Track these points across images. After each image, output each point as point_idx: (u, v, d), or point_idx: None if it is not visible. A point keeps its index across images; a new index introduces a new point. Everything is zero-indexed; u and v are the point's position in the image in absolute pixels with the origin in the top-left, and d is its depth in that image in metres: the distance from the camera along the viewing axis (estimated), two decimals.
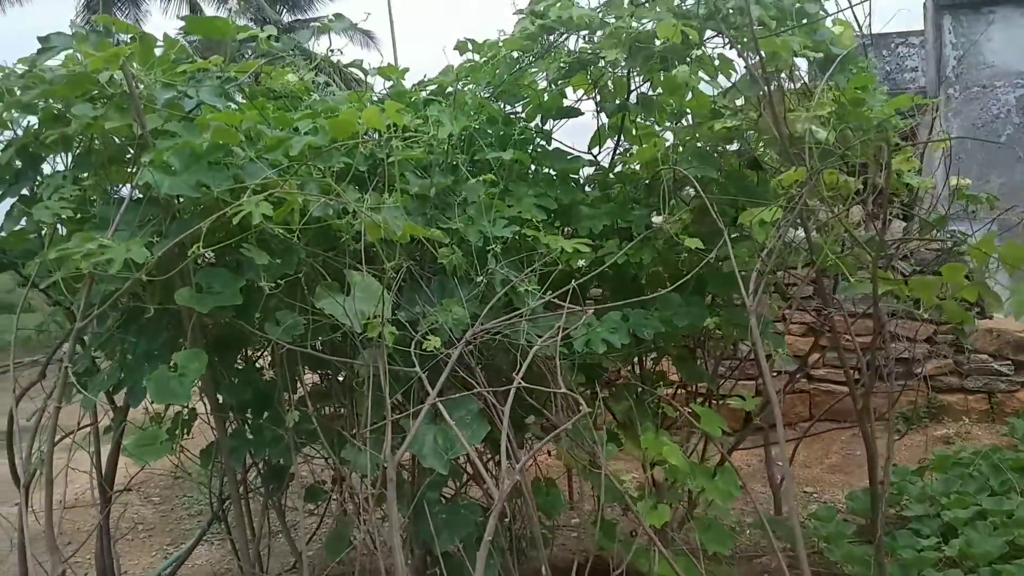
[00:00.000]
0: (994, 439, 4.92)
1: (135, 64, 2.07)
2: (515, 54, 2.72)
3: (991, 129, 6.16)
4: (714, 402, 3.44)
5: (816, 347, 4.64)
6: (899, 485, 3.98)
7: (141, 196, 2.18)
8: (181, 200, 2.14)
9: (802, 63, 2.52)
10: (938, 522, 3.62)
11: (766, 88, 2.06)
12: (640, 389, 2.87)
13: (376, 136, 2.25)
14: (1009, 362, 5.29)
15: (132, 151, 2.16)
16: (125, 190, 2.27)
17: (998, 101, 6.38)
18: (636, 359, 3.16)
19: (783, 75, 2.45)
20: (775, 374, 4.02)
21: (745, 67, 2.40)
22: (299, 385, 2.44)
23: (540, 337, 2.08)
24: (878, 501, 2.64)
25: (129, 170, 2.25)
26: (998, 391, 5.27)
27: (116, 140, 2.22)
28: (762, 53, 2.06)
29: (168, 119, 2.07)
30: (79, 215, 2.20)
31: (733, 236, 2.22)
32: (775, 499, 3.99)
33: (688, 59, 2.55)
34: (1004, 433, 4.90)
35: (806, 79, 2.57)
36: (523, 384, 1.87)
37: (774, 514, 3.93)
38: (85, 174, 2.29)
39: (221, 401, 2.43)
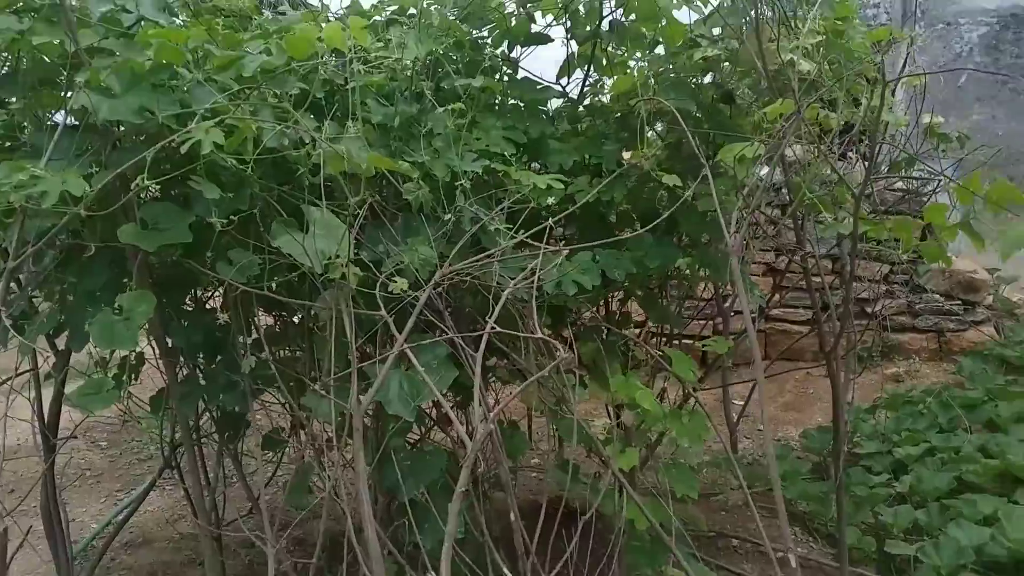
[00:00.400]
0: (942, 377, 5.06)
1: None
2: None
3: (954, 67, 6.15)
4: (675, 343, 3.42)
5: (776, 287, 4.65)
6: (852, 423, 4.06)
7: (77, 123, 1.99)
8: (122, 127, 1.96)
9: None
10: (889, 459, 3.71)
11: (753, 14, 1.95)
12: (607, 331, 2.81)
13: (334, 59, 2.08)
14: (959, 302, 5.40)
15: (65, 72, 1.96)
16: (59, 116, 2.07)
17: (961, 39, 6.32)
18: (603, 300, 3.10)
19: (763, 3, 2.34)
20: (734, 314, 4.03)
21: None
22: (253, 328, 2.32)
23: (511, 279, 1.99)
24: (839, 443, 2.65)
25: (62, 94, 2.05)
26: (947, 330, 5.39)
27: (46, 59, 2.01)
28: None
29: (105, 36, 1.87)
30: (7, 143, 2.01)
31: (707, 174, 2.13)
32: (731, 437, 4.04)
33: None
34: (952, 372, 5.03)
35: (783, 9, 2.47)
36: (496, 329, 1.77)
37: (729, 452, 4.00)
38: (12, 97, 2.08)
39: (170, 345, 2.29)
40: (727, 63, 2.52)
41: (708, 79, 2.71)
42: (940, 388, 4.27)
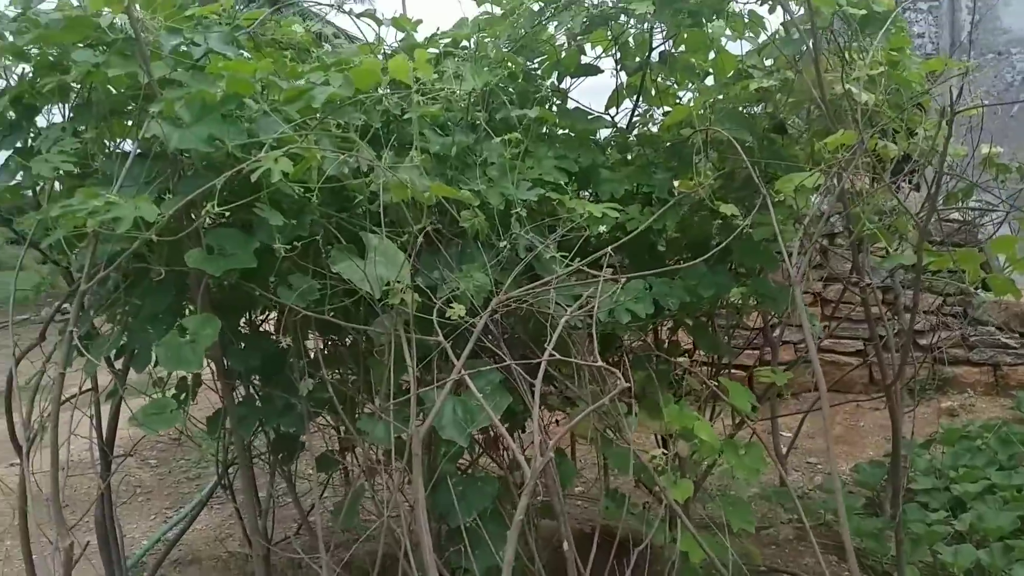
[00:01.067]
0: (999, 412, 4.91)
1: (138, 7, 1.93)
2: (536, 6, 2.59)
3: (1005, 98, 6.03)
4: (724, 372, 3.38)
5: (823, 317, 4.58)
6: (908, 458, 3.95)
7: (142, 151, 2.06)
8: (188, 156, 2.02)
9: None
10: (947, 496, 3.60)
11: (810, 44, 1.95)
12: (657, 359, 2.79)
13: (389, 91, 2.13)
14: (1016, 335, 5.25)
15: (135, 102, 2.03)
16: (127, 144, 2.14)
17: (1013, 68, 6.22)
18: (652, 328, 3.09)
19: (819, 34, 2.33)
20: (782, 344, 3.97)
21: (782, 23, 2.28)
22: (309, 352, 2.35)
23: (565, 306, 1.99)
24: (897, 478, 2.59)
25: (130, 123, 2.12)
26: (1004, 364, 5.23)
27: (115, 90, 2.09)
28: (811, 4, 1.93)
29: (175, 67, 1.93)
30: (79, 170, 2.08)
31: (762, 203, 2.12)
32: (781, 469, 3.96)
33: (717, 14, 2.43)
34: (1009, 407, 4.88)
35: (838, 40, 2.46)
36: (555, 356, 1.78)
37: (778, 485, 3.91)
38: (84, 127, 2.16)
39: (227, 367, 2.33)
40: (779, 94, 2.51)
41: (758, 109, 2.71)
42: (999, 424, 4.14)
